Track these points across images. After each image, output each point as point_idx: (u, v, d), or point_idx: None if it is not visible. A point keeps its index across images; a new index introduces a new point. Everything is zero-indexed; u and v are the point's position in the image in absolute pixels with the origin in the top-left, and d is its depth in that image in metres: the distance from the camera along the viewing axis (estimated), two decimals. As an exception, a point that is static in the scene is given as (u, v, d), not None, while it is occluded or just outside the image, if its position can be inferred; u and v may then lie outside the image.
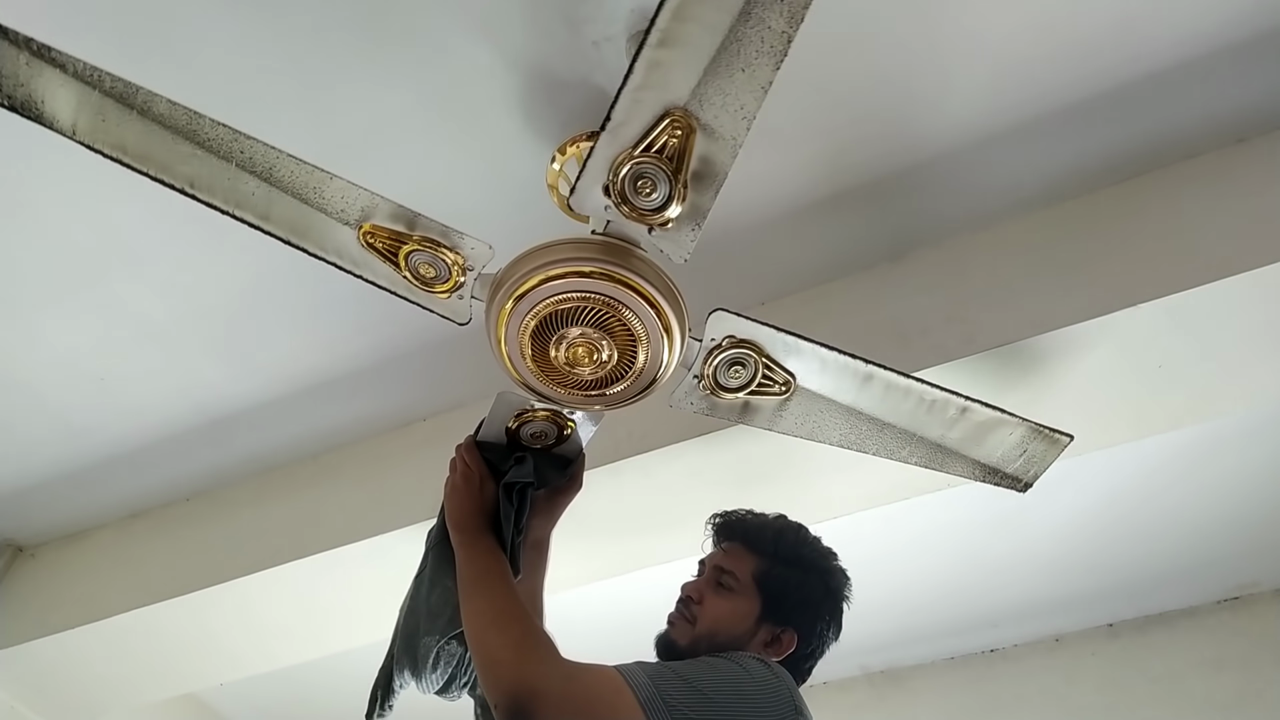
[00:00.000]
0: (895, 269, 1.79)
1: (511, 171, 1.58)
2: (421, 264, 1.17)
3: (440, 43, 1.43)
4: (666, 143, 1.01)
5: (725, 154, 1.02)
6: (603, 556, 1.99)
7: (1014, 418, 1.35)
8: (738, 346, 1.24)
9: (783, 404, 1.32)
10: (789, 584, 1.28)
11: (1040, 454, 1.41)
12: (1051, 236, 1.67)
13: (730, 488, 1.80)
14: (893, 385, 1.29)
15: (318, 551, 1.98)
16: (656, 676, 1.05)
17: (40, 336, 1.90)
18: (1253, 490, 2.23)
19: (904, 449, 1.38)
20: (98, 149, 1.05)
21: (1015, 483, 1.45)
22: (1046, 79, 1.52)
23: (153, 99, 1.03)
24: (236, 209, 1.11)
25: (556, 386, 1.21)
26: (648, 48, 0.93)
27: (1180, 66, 1.50)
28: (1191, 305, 1.50)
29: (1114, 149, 1.63)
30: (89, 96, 1.02)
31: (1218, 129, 1.60)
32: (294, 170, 1.09)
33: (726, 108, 0.98)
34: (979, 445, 1.38)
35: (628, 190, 1.05)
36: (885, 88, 1.52)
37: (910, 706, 2.72)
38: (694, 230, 1.09)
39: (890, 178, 1.66)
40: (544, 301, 1.12)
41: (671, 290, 1.15)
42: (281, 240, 1.14)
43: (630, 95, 0.97)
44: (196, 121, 1.05)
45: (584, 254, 1.11)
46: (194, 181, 1.09)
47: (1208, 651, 2.44)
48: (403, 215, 1.13)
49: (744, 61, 0.94)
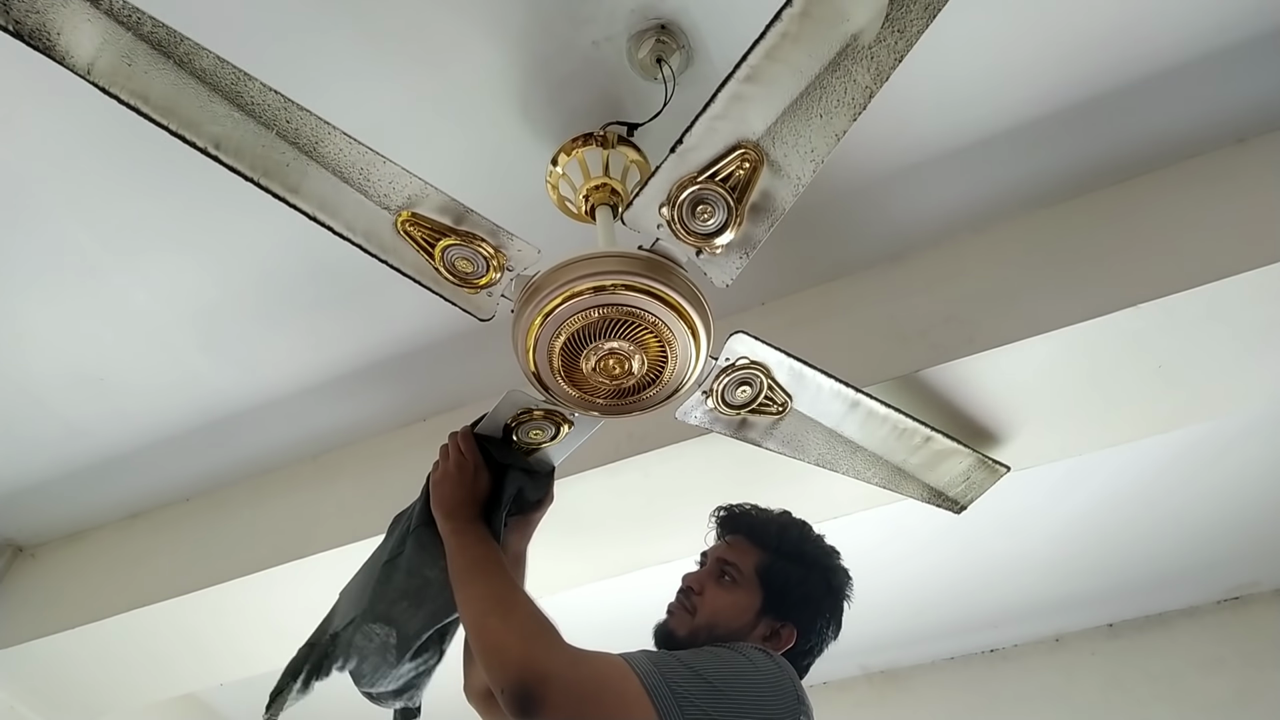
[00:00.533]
0: (895, 269, 1.79)
1: (511, 172, 1.58)
2: (459, 258, 1.16)
3: (440, 43, 1.42)
4: (733, 173, 1.03)
5: (788, 192, 1.04)
6: (603, 557, 1.99)
7: (966, 448, 1.49)
8: (749, 368, 1.28)
9: (775, 423, 1.38)
10: (791, 579, 1.27)
11: (979, 481, 1.58)
12: (1051, 236, 1.67)
13: (730, 488, 1.79)
14: (873, 413, 1.39)
15: (317, 551, 1.98)
16: (662, 664, 1.04)
17: (40, 337, 1.90)
18: (1253, 490, 2.23)
19: (869, 470, 1.50)
20: (113, 93, 0.97)
21: (953, 505, 1.61)
22: (1046, 79, 1.52)
23: (198, 51, 0.97)
24: (264, 177, 1.06)
25: (574, 393, 1.21)
26: (734, 80, 0.95)
27: (1180, 66, 1.50)
28: (1191, 305, 1.50)
29: (1114, 149, 1.63)
30: (118, 37, 0.94)
31: (1218, 129, 1.60)
32: (343, 148, 1.06)
33: (798, 149, 1.00)
34: (932, 471, 1.53)
35: (685, 212, 1.06)
36: (885, 88, 1.52)
37: (910, 706, 2.72)
38: (742, 259, 1.11)
39: (890, 177, 1.66)
40: (584, 312, 1.12)
41: (705, 311, 1.16)
42: (305, 214, 1.10)
43: (707, 123, 0.99)
44: (244, 83, 1.00)
45: (630, 269, 1.11)
46: (220, 142, 1.03)
47: (1208, 651, 2.45)
48: (452, 208, 1.12)
49: (823, 109, 0.97)
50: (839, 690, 2.78)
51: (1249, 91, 1.55)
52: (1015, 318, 1.60)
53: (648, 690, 0.99)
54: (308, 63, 1.44)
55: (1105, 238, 1.62)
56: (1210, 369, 1.62)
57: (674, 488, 1.83)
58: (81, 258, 1.74)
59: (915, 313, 1.70)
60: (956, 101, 1.55)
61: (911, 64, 1.49)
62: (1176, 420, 1.75)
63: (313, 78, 1.46)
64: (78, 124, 1.52)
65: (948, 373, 1.62)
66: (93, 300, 1.82)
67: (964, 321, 1.64)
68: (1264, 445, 2.12)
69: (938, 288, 1.71)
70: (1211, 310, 1.51)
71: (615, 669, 1.02)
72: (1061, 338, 1.56)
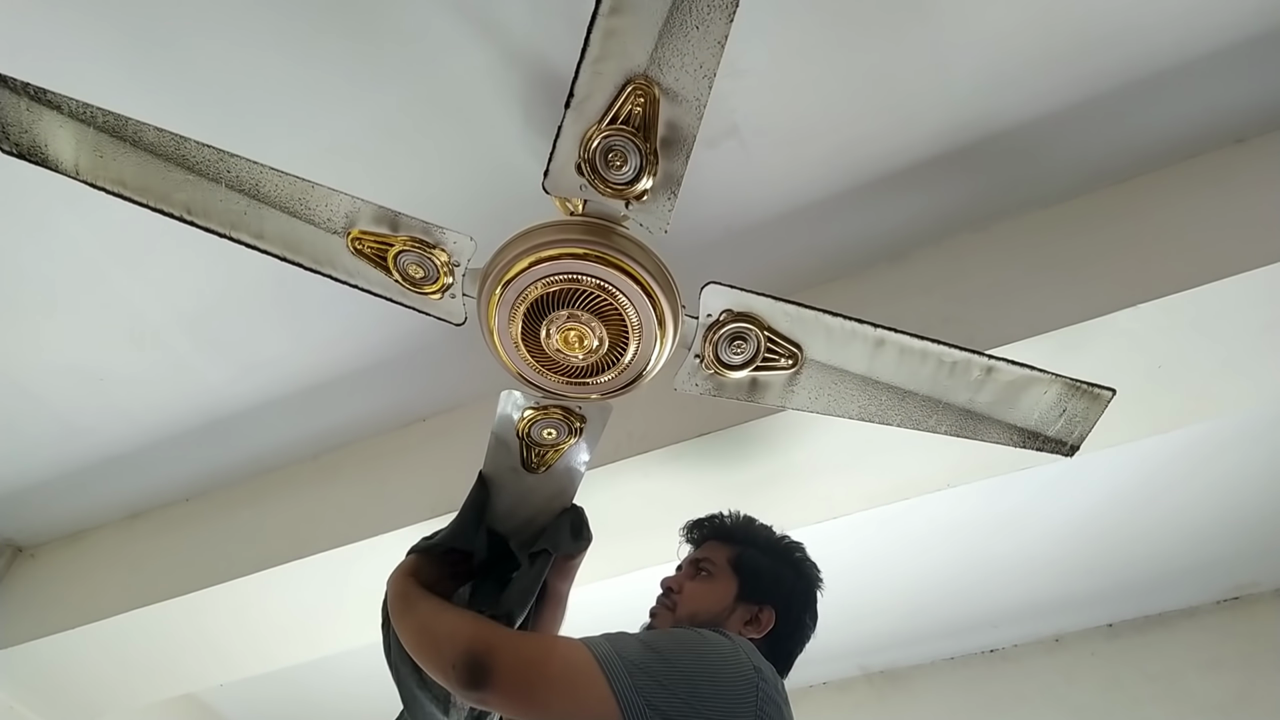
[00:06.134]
0: (895, 269, 1.79)
1: (511, 172, 1.58)
2: (410, 265, 1.16)
3: (438, 43, 1.43)
4: (631, 112, 1.00)
5: (691, 116, 1.01)
6: (602, 557, 1.97)
7: (1045, 374, 1.25)
8: (737, 321, 1.20)
9: (792, 378, 1.25)
10: (762, 565, 1.33)
11: (1082, 412, 1.30)
12: (1051, 236, 1.67)
13: (730, 488, 1.80)
14: (908, 349, 1.22)
15: (317, 552, 1.97)
16: (613, 639, 1.06)
17: (40, 337, 1.90)
18: (1253, 491, 2.23)
19: (930, 418, 1.28)
20: (100, 186, 1.09)
21: (1060, 446, 1.33)
22: (1046, 79, 1.52)
23: (141, 128, 1.05)
24: (232, 230, 1.12)
25: (552, 375, 1.19)
26: (601, 17, 0.93)
27: (1180, 66, 1.50)
28: (1191, 305, 1.50)
29: (1114, 149, 1.63)
30: (85, 134, 1.05)
31: (1218, 129, 1.60)
32: (278, 183, 1.10)
33: (686, 68, 0.97)
34: (1012, 408, 1.28)
35: (599, 165, 1.04)
36: (885, 87, 1.52)
37: (910, 706, 2.72)
38: (669, 200, 1.07)
39: (889, 178, 1.66)
40: (530, 286, 1.11)
41: (658, 266, 1.13)
42: (279, 258, 1.16)
43: (590, 68, 0.97)
44: (183, 146, 1.07)
45: (565, 235, 1.10)
46: (190, 208, 1.11)
47: (1208, 651, 2.44)
48: (385, 216, 1.12)
49: (697, 19, 0.93)
50: (839, 690, 2.77)
51: (1249, 91, 1.55)
52: (1015, 318, 1.60)
53: (597, 658, 0.99)
54: (307, 66, 1.44)
55: (1105, 238, 1.62)
56: (1210, 369, 1.62)
57: (674, 488, 1.83)
58: (81, 258, 1.74)
59: (915, 313, 1.70)
60: (956, 100, 1.55)
61: (911, 63, 1.50)
62: (1176, 420, 1.75)
63: (312, 79, 1.46)
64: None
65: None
66: (93, 300, 1.82)
67: (964, 321, 1.64)
68: (1263, 445, 2.12)
69: (938, 288, 1.71)
70: (1211, 310, 1.51)
71: (563, 641, 1.05)
72: (1061, 338, 1.56)
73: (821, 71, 1.48)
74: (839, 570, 2.43)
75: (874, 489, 1.82)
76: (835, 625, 2.59)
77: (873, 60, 1.48)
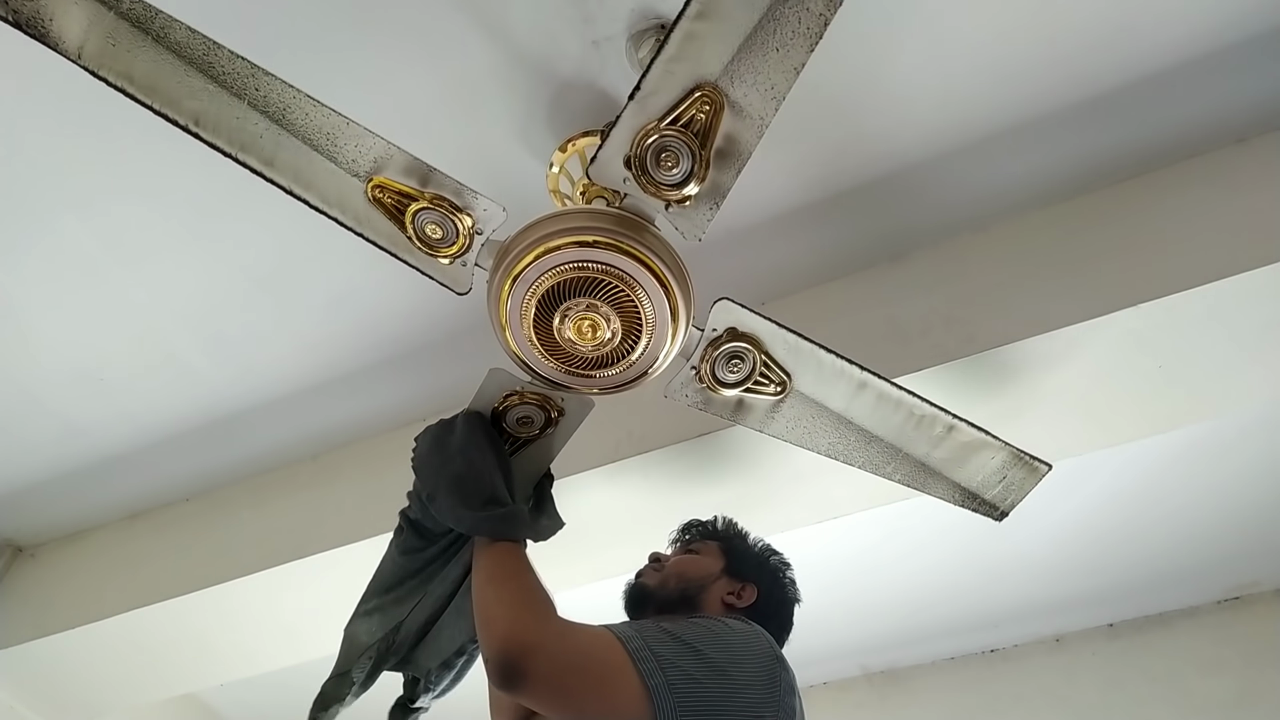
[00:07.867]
0: (895, 269, 1.79)
1: (511, 171, 1.58)
2: (429, 224, 1.12)
3: (439, 42, 1.42)
4: (694, 116, 1.00)
5: (751, 134, 1.01)
6: (602, 557, 1.99)
7: (997, 441, 1.33)
8: (738, 340, 1.22)
9: (776, 405, 1.30)
10: (748, 551, 1.38)
11: (1019, 481, 1.38)
12: (1051, 237, 1.67)
13: (729, 488, 1.80)
14: (885, 396, 1.28)
15: (317, 552, 1.97)
16: (642, 630, 1.06)
17: (40, 337, 1.90)
18: (1253, 491, 2.23)
19: (889, 464, 1.36)
20: (102, 76, 0.98)
21: (992, 510, 1.42)
22: (1045, 79, 1.52)
23: (171, 24, 0.97)
24: (241, 151, 1.05)
25: (553, 362, 1.18)
26: (685, 19, 0.92)
27: (1180, 66, 1.50)
28: (1191, 305, 1.50)
29: (1114, 149, 1.63)
30: (102, 18, 0.95)
31: (1218, 129, 1.60)
32: (309, 112, 1.03)
33: (757, 86, 0.97)
34: (961, 467, 1.36)
35: (649, 163, 1.03)
36: (884, 87, 1.52)
37: (910, 706, 2.72)
38: (711, 209, 1.07)
39: (890, 178, 1.66)
40: (552, 270, 1.09)
41: (682, 271, 1.13)
42: (284, 189, 1.08)
43: (663, 65, 0.96)
44: (214, 52, 0.99)
45: (597, 224, 1.09)
46: (199, 118, 1.02)
47: (1208, 651, 2.44)
48: (417, 169, 1.09)
49: (779, 41, 0.93)
50: (839, 690, 2.77)
51: (1249, 91, 1.55)
52: (1015, 318, 1.60)
53: (631, 655, 0.99)
54: (308, 61, 1.44)
55: (1105, 238, 1.62)
56: (1210, 369, 1.62)
57: (674, 488, 1.83)
58: (81, 258, 1.74)
59: (915, 313, 1.70)
60: (956, 100, 1.55)
61: (910, 63, 1.50)
62: (1176, 420, 1.75)
63: (312, 78, 1.46)
64: (79, 124, 1.52)
65: (948, 373, 1.62)
66: (93, 300, 1.82)
67: (964, 321, 1.64)
68: (1264, 445, 2.12)
69: (938, 288, 1.71)
70: (1211, 310, 1.51)
71: (601, 639, 1.03)
72: (1061, 338, 1.56)
73: (821, 71, 1.48)
74: (839, 570, 2.44)
75: (874, 489, 1.81)
76: (836, 625, 2.60)
77: (872, 59, 1.48)
